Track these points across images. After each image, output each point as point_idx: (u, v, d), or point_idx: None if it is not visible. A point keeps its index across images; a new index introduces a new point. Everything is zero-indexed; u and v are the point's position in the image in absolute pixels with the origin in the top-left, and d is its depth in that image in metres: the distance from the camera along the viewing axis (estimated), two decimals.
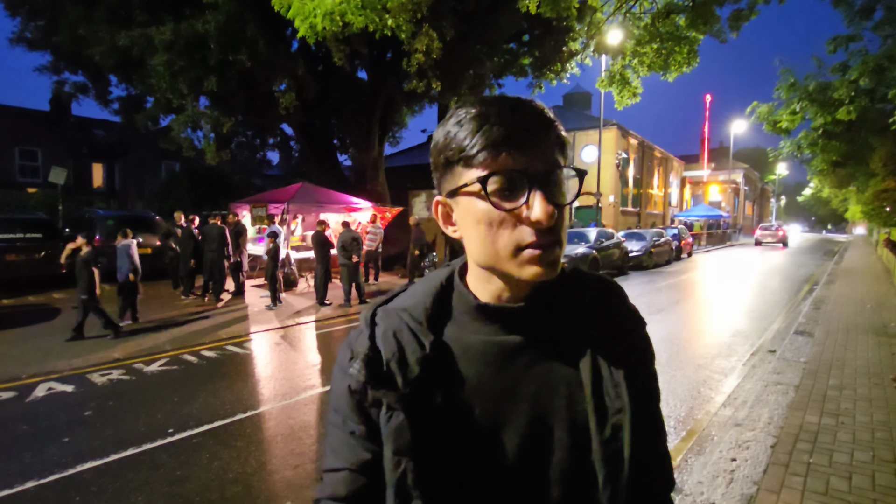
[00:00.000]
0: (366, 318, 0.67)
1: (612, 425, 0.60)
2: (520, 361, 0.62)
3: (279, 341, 6.68)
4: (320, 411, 4.32)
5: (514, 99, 0.59)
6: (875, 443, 3.41)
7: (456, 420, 0.60)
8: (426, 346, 0.61)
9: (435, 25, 8.69)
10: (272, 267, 8.63)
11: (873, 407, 4.07)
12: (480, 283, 0.64)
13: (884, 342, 6.28)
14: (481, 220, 0.58)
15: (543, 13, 7.56)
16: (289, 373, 5.33)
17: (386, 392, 0.60)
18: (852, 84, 10.62)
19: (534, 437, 0.60)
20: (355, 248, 8.71)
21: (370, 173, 13.37)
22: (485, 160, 0.56)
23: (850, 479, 2.93)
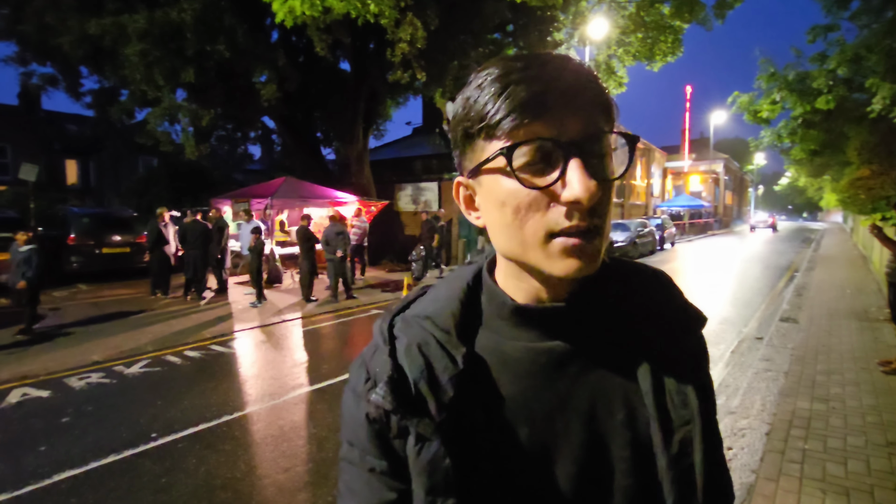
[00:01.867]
0: (382, 331, 0.56)
1: (680, 440, 0.51)
2: (568, 371, 0.52)
3: (265, 339, 6.53)
4: (310, 411, 4.22)
5: (546, 55, 0.48)
6: (867, 427, 3.45)
7: (500, 447, 0.51)
8: (458, 360, 0.51)
9: (419, 14, 8.52)
10: (256, 263, 8.43)
11: (862, 391, 4.13)
12: (512, 280, 0.54)
13: (866, 327, 6.41)
14: (507, 201, 0.48)
15: (529, 1, 7.47)
16: (276, 372, 5.20)
17: (419, 421, 0.50)
18: (830, 73, 10.79)
19: (592, 460, 0.51)
20: (340, 242, 8.56)
21: (355, 167, 13.16)
22: (510, 129, 0.45)
23: (846, 465, 2.95)
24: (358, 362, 0.58)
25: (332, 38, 9.32)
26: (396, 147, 18.81)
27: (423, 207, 14.55)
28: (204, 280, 9.00)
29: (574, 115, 0.46)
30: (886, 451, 3.10)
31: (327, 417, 4.03)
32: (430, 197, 14.49)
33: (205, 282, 9.04)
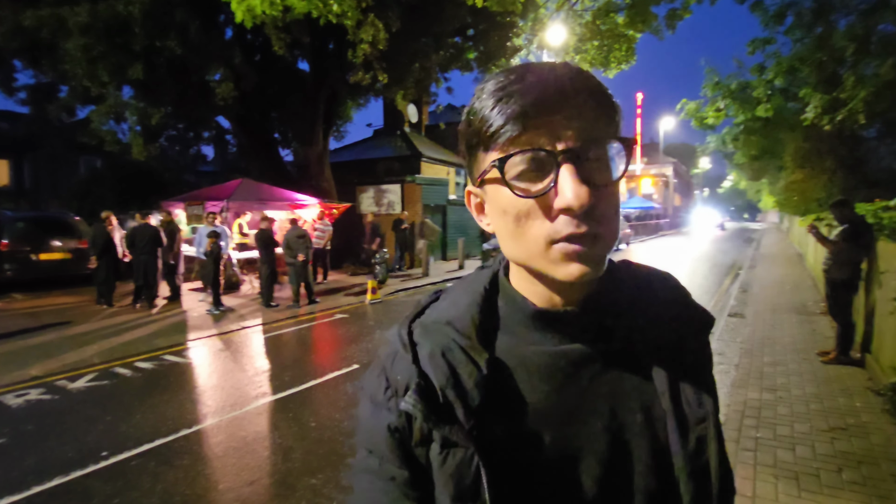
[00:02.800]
0: (402, 338, 0.56)
1: (696, 437, 0.52)
2: (586, 374, 0.53)
3: (223, 348, 6.27)
4: (274, 421, 4.08)
5: (543, 64, 0.49)
6: (810, 414, 3.70)
7: (525, 451, 0.51)
8: (482, 366, 0.51)
9: (380, 15, 8.46)
10: (213, 269, 8.09)
11: (804, 380, 4.43)
12: (527, 284, 0.54)
13: (805, 320, 6.88)
14: (508, 210, 0.49)
15: (490, 7, 7.57)
16: (236, 381, 5.00)
17: (451, 428, 0.50)
18: (768, 84, 11.53)
19: (615, 461, 0.52)
20: (302, 246, 8.36)
21: (315, 168, 12.88)
22: (504, 140, 0.47)
23: (795, 451, 3.15)
24: (376, 371, 0.57)
25: (290, 37, 9.09)
26: (357, 149, 18.57)
27: (387, 210, 14.44)
28: (155, 287, 8.55)
29: (567, 122, 0.46)
30: (829, 435, 3.34)
31: (292, 427, 3.92)
32: (394, 199, 14.40)
33: (156, 289, 8.59)
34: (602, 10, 8.96)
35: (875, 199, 7.24)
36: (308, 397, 4.55)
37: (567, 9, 9.35)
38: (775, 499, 2.65)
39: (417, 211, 14.21)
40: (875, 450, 3.12)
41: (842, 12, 10.70)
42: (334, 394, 4.62)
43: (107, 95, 9.21)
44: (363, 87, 11.33)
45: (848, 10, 10.58)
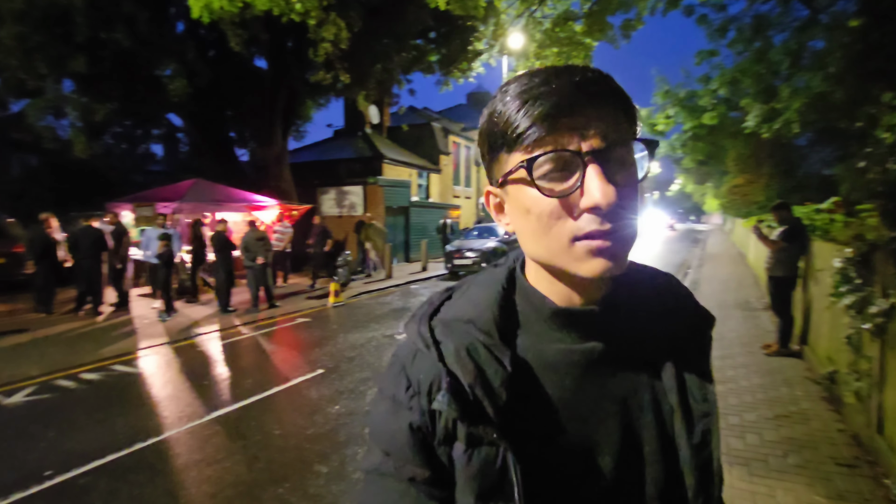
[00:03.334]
0: (423, 335, 0.56)
1: (702, 431, 0.55)
2: (603, 371, 0.55)
3: (178, 356, 5.98)
4: (236, 430, 3.93)
5: (564, 67, 0.51)
6: (757, 403, 3.95)
7: (548, 447, 0.52)
8: (507, 363, 0.52)
9: (342, 14, 8.35)
10: (165, 273, 7.71)
11: (750, 372, 4.72)
12: (545, 283, 0.56)
13: (749, 316, 7.33)
14: (531, 209, 0.50)
15: (453, 10, 7.63)
16: (195, 390, 4.79)
17: (483, 427, 0.50)
18: (713, 93, 12.20)
19: (627, 454, 0.54)
20: (261, 248, 8.11)
21: (273, 169, 12.52)
22: (531, 141, 0.48)
23: (744, 438, 3.35)
24: (395, 369, 0.57)
25: (248, 33, 8.81)
26: (317, 149, 18.22)
27: (348, 211, 14.23)
28: (100, 293, 8.05)
29: (592, 124, 0.48)
30: (775, 423, 3.58)
31: (255, 435, 3.80)
32: (355, 200, 14.22)
33: (101, 295, 8.09)
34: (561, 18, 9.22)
35: (806, 202, 7.82)
36: (271, 404, 4.42)
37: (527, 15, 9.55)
38: (730, 484, 2.82)
39: (380, 213, 14.10)
40: (815, 434, 3.38)
41: (777, 28, 11.50)
42: (299, 400, 4.51)
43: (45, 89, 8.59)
44: (324, 86, 11.13)
45: (783, 27, 11.37)
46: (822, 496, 2.66)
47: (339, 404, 4.34)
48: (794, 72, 9.27)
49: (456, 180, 23.26)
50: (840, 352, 3.66)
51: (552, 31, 9.41)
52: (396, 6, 10.72)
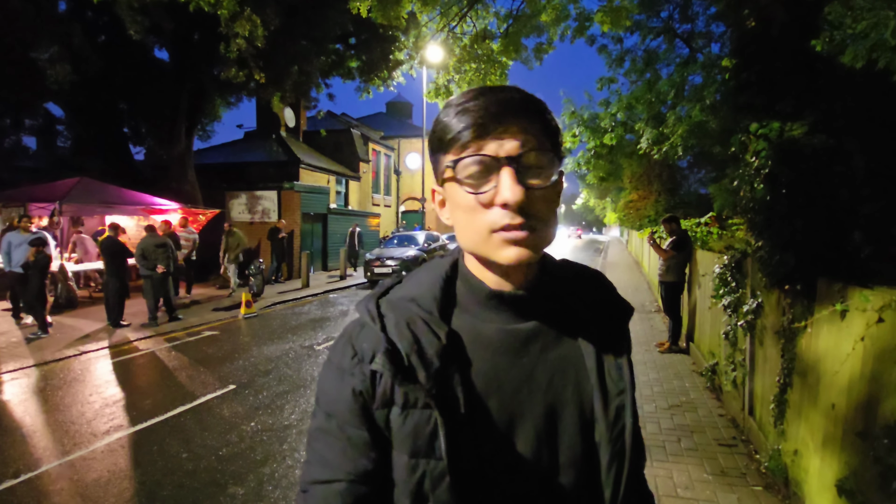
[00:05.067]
0: (370, 310, 0.62)
1: (616, 406, 0.61)
2: (533, 349, 0.62)
3: (58, 378, 5.25)
4: (135, 455, 3.55)
5: (498, 87, 0.60)
6: (654, 396, 4.40)
7: (474, 414, 0.58)
8: (442, 336, 0.59)
9: (257, 10, 7.97)
10: (38, 283, 6.74)
11: (648, 368, 5.24)
12: (479, 270, 0.63)
13: (644, 318, 8.13)
14: (461, 205, 0.59)
15: (375, 18, 7.64)
16: (80, 415, 4.24)
17: (413, 387, 0.56)
18: (612, 116, 13.42)
19: (547, 426, 0.60)
20: (162, 256, 7.40)
21: (176, 170, 11.49)
22: (459, 146, 0.57)
23: (646, 427, 3.71)
24: (342, 341, 0.63)
25: (149, 21, 8.06)
26: (226, 151, 17.05)
27: (261, 217, 13.48)
28: None
29: (511, 134, 0.56)
30: (669, 412, 4.01)
31: (158, 460, 3.46)
32: (269, 206, 13.51)
33: None
34: (479, 36, 9.61)
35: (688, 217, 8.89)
36: (176, 426, 4.05)
37: (447, 30, 9.84)
38: None
39: (296, 219, 13.54)
40: (702, 421, 3.84)
41: (664, 62, 13.00)
42: (209, 419, 4.17)
43: None
44: (235, 84, 10.49)
45: (669, 62, 12.88)
46: (709, 473, 3.04)
47: (254, 421, 4.09)
48: (678, 101, 10.52)
49: (376, 188, 23.04)
50: (719, 346, 4.21)
51: (471, 47, 9.78)
52: (317, 8, 10.47)
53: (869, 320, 2.00)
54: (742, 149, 3.52)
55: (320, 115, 16.74)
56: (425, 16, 9.59)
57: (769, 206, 2.98)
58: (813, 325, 2.49)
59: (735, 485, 2.89)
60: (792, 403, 2.71)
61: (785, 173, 2.90)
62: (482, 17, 9.29)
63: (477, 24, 9.51)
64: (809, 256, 2.69)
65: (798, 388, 2.64)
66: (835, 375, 2.23)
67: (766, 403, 3.03)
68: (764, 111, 3.26)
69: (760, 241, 3.07)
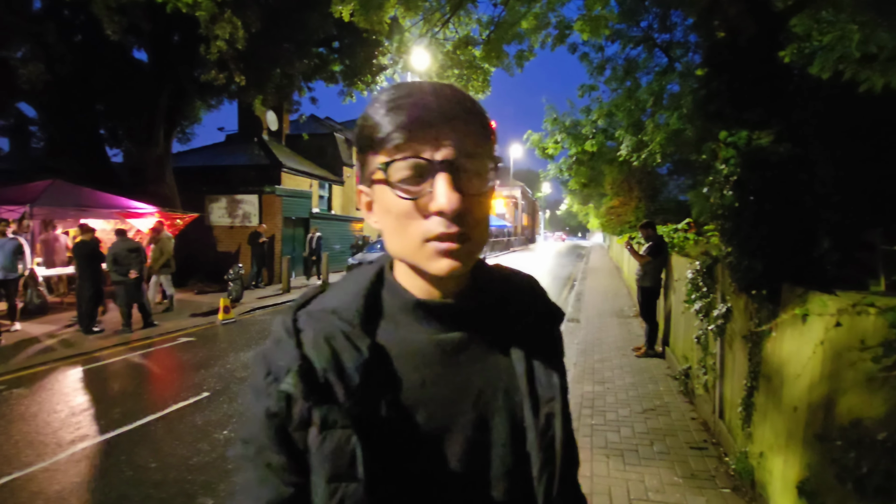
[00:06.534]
0: (286, 325, 0.58)
1: (546, 414, 0.60)
2: (462, 359, 0.60)
3: (22, 387, 5.09)
4: (101, 465, 3.45)
5: (431, 84, 0.57)
6: (629, 400, 4.44)
7: (401, 430, 0.55)
8: (364, 350, 0.55)
9: (238, 12, 7.90)
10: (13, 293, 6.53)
11: (624, 372, 5.29)
12: (408, 278, 0.60)
13: (623, 322, 8.22)
14: (391, 209, 0.55)
15: (357, 23, 7.64)
16: (44, 425, 4.11)
17: (329, 408, 0.52)
18: (593, 123, 13.61)
19: (478, 437, 0.58)
20: (134, 261, 7.23)
21: (153, 172, 11.27)
22: (391, 146, 0.53)
23: (619, 432, 3.74)
24: (258, 359, 0.58)
25: (127, 20, 7.93)
26: (207, 154, 16.82)
27: (242, 221, 13.31)
28: None
29: (447, 137, 0.53)
30: (643, 416, 4.05)
31: (126, 471, 3.36)
32: (250, 210, 13.34)
33: None
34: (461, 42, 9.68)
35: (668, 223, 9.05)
36: (146, 435, 3.95)
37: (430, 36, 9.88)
38: (608, 475, 3.13)
39: (277, 224, 13.39)
40: (675, 424, 3.89)
41: (644, 71, 13.25)
42: (180, 427, 4.08)
43: None
44: (216, 86, 10.37)
45: (648, 71, 13.13)
46: (680, 476, 3.08)
47: (227, 428, 4.01)
48: (657, 110, 10.71)
49: None
50: (692, 350, 4.28)
51: (453, 53, 9.84)
52: (299, 12, 10.42)
53: (828, 324, 2.05)
54: (712, 156, 3.61)
55: (303, 118, 16.61)
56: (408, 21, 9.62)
57: (738, 212, 3.05)
58: (777, 330, 2.55)
59: (704, 487, 2.93)
60: (758, 406, 2.76)
61: (752, 181, 2.97)
62: (465, 23, 9.36)
63: (459, 30, 9.57)
64: (775, 262, 2.75)
65: (764, 392, 2.69)
66: (797, 379, 2.28)
67: (735, 406, 3.08)
68: (733, 120, 3.34)
69: (730, 247, 3.13)
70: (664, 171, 18.48)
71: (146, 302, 7.68)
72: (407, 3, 7.99)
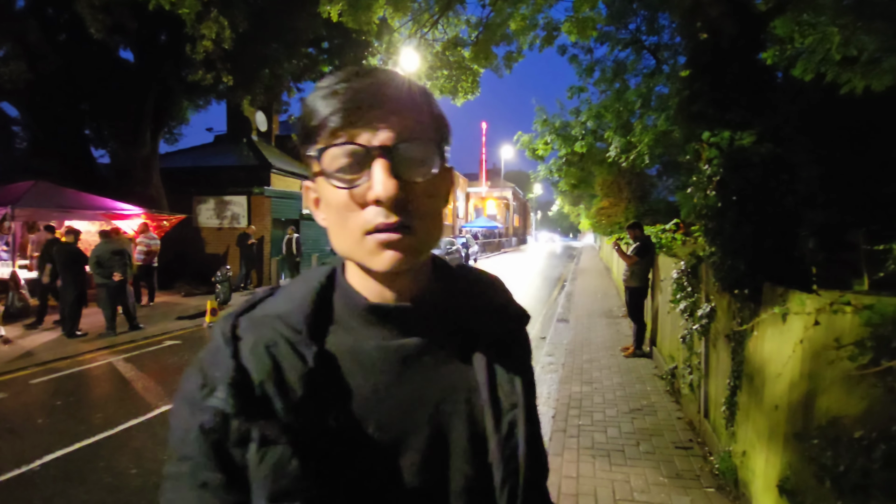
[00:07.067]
0: (224, 332, 0.53)
1: (508, 422, 0.57)
2: (419, 366, 0.56)
3: (2, 392, 4.98)
4: (78, 472, 3.38)
5: (372, 68, 0.53)
6: (616, 400, 4.45)
7: (351, 444, 0.51)
8: (309, 359, 0.51)
9: (225, 12, 7.83)
10: None
11: (612, 373, 5.30)
12: (360, 280, 0.56)
13: (611, 323, 8.25)
14: (331, 202, 0.52)
15: (345, 23, 7.60)
16: (21, 431, 4.04)
17: (266, 423, 0.48)
18: (583, 125, 13.67)
19: (435, 448, 0.54)
20: (118, 263, 7.11)
21: (140, 173, 11.13)
22: (327, 134, 0.50)
23: (606, 432, 3.75)
24: (194, 368, 0.53)
25: (111, 19, 7.82)
26: (195, 154, 16.64)
27: (230, 223, 13.19)
28: None
29: (385, 120, 0.50)
30: (630, 416, 4.06)
31: (104, 477, 3.30)
32: (239, 211, 13.23)
33: None
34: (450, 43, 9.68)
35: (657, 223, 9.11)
36: (126, 440, 3.88)
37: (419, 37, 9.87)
38: (594, 475, 3.13)
39: (266, 225, 13.29)
40: (661, 424, 3.90)
41: (632, 73, 13.34)
42: (162, 433, 4.01)
43: None
44: (204, 87, 10.27)
45: (636, 72, 13.22)
46: (665, 476, 3.08)
47: None
48: (645, 111, 10.79)
49: None
50: (678, 350, 4.29)
51: (442, 53, 9.83)
52: (287, 12, 10.36)
53: (807, 323, 2.06)
54: (696, 157, 3.62)
55: (292, 119, 16.51)
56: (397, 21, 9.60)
57: (721, 212, 3.06)
58: (758, 329, 2.56)
59: (689, 487, 2.94)
60: (741, 405, 2.77)
61: (735, 181, 2.98)
62: (454, 24, 9.36)
63: (448, 31, 9.57)
64: (757, 262, 2.77)
65: (746, 391, 2.70)
66: (777, 378, 2.28)
67: (719, 406, 3.09)
68: (716, 120, 3.35)
69: (713, 246, 3.15)
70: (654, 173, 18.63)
71: (131, 305, 7.57)
72: (395, 4, 7.97)
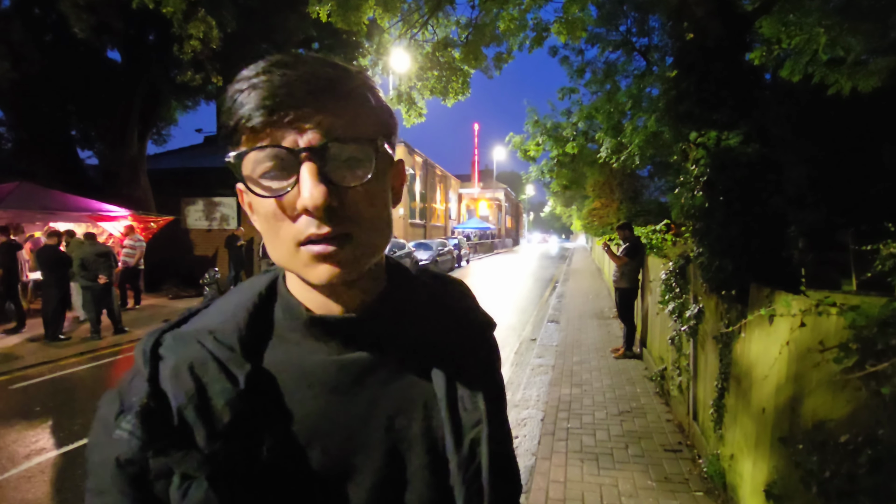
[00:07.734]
0: (144, 352, 0.47)
1: (471, 440, 0.52)
2: (369, 383, 0.50)
3: None
4: (56, 481, 3.30)
5: (298, 55, 0.46)
6: (606, 402, 4.42)
7: (293, 469, 0.46)
8: (240, 379, 0.45)
9: (212, 12, 7.74)
10: None
11: (602, 375, 5.28)
12: (302, 290, 0.51)
13: (603, 324, 8.24)
14: (258, 210, 0.47)
15: (335, 23, 7.55)
16: (2, 437, 3.92)
17: (184, 455, 0.43)
18: (574, 126, 13.71)
19: (391, 470, 0.49)
20: (103, 266, 7.00)
21: (127, 175, 10.98)
22: (249, 134, 0.44)
23: (595, 435, 3.71)
24: (112, 393, 0.47)
25: (97, 19, 7.71)
26: (184, 156, 16.49)
27: (219, 224, 13.06)
28: None
29: (312, 119, 0.43)
30: (619, 419, 4.02)
31: (81, 487, 3.14)
32: (228, 213, 13.11)
33: None
34: (441, 44, 9.64)
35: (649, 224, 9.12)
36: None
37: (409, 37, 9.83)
38: (581, 479, 3.09)
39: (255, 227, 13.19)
40: (650, 426, 3.87)
41: (623, 75, 13.38)
42: None
43: None
44: (192, 87, 10.16)
45: (627, 74, 13.27)
46: (653, 480, 3.05)
47: None
48: (636, 112, 10.82)
49: None
50: (667, 352, 4.27)
51: (433, 55, 9.80)
52: (276, 12, 10.29)
53: (793, 325, 2.03)
54: (683, 157, 3.61)
55: None
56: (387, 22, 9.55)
57: (708, 213, 3.05)
58: (746, 330, 2.53)
59: (677, 491, 2.91)
60: (729, 408, 2.75)
61: (722, 181, 2.97)
62: (444, 25, 9.33)
63: (438, 31, 9.54)
64: (744, 262, 2.75)
65: (734, 393, 2.68)
66: (764, 380, 2.26)
67: (707, 408, 3.07)
68: (703, 120, 3.34)
69: (701, 247, 3.13)
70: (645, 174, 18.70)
71: (116, 308, 7.45)
72: (385, 4, 7.93)
